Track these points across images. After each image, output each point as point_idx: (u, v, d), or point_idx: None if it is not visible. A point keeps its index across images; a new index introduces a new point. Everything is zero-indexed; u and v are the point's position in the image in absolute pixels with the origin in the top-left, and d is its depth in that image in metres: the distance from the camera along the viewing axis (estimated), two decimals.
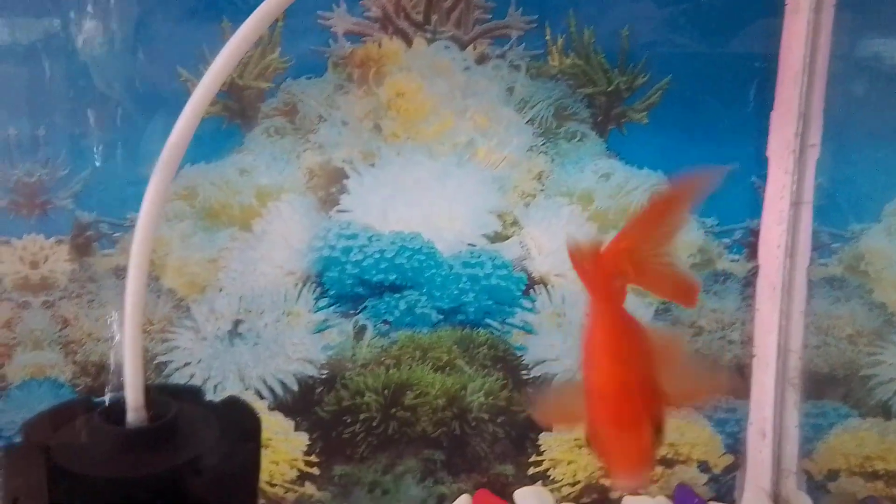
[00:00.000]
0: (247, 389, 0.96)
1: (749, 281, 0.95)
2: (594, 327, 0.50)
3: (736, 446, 0.96)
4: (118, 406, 0.59)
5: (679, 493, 0.92)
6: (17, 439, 0.64)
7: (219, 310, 0.95)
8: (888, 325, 0.93)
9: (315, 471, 0.96)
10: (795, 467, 0.89)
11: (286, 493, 0.96)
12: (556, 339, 0.98)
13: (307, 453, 0.96)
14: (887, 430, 0.93)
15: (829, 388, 0.93)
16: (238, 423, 0.62)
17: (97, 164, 0.89)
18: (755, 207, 0.93)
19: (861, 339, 0.93)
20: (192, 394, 0.66)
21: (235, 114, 0.92)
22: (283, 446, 0.96)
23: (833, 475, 0.95)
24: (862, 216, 0.92)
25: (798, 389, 0.89)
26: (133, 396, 0.56)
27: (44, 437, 0.56)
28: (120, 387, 0.59)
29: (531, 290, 0.97)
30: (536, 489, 0.95)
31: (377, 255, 0.97)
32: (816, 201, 0.90)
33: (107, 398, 0.59)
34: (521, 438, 0.98)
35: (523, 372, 0.97)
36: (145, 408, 0.58)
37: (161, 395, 0.62)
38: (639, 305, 0.96)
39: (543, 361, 0.98)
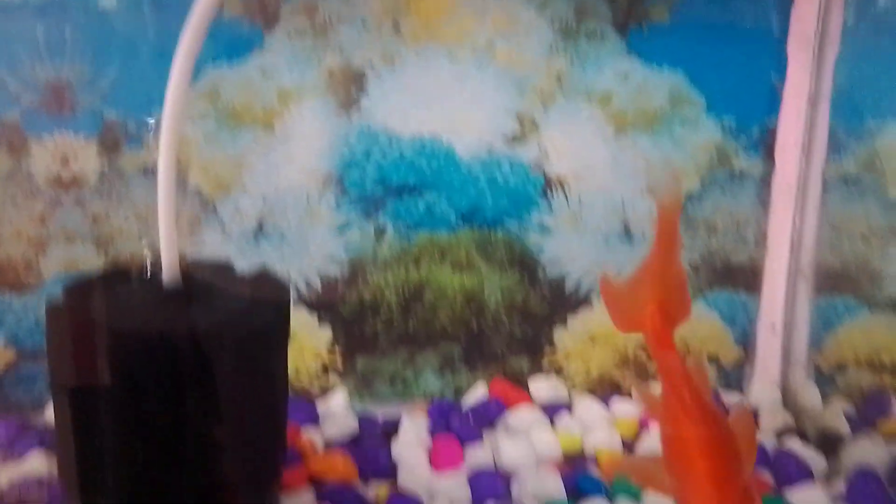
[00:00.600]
0: None
1: (765, 180, 0.96)
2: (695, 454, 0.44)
3: (745, 340, 0.99)
4: (154, 271, 0.62)
5: None
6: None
7: (243, 209, 0.98)
8: None
9: (338, 363, 1.01)
10: (805, 359, 0.92)
11: (312, 383, 1.01)
12: (572, 239, 1.00)
13: (331, 347, 1.01)
14: (895, 324, 0.95)
15: (840, 283, 0.95)
16: (269, 289, 0.66)
17: (123, 63, 0.91)
18: (773, 106, 0.94)
19: (874, 236, 0.95)
20: (224, 266, 0.70)
21: (256, 14, 0.92)
22: (308, 340, 1.01)
23: (841, 367, 0.98)
24: (879, 113, 0.93)
25: (810, 282, 0.91)
26: (168, 259, 0.59)
27: (84, 298, 0.60)
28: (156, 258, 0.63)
29: (548, 192, 0.99)
30: (550, 379, 0.98)
31: (397, 158, 0.99)
32: (834, 99, 0.90)
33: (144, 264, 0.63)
34: (536, 334, 1.01)
35: (540, 271, 1.00)
36: (179, 272, 0.62)
37: (194, 265, 0.65)
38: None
39: (559, 261, 1.00)
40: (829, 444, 0.83)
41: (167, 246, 0.62)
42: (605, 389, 1.01)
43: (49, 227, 0.96)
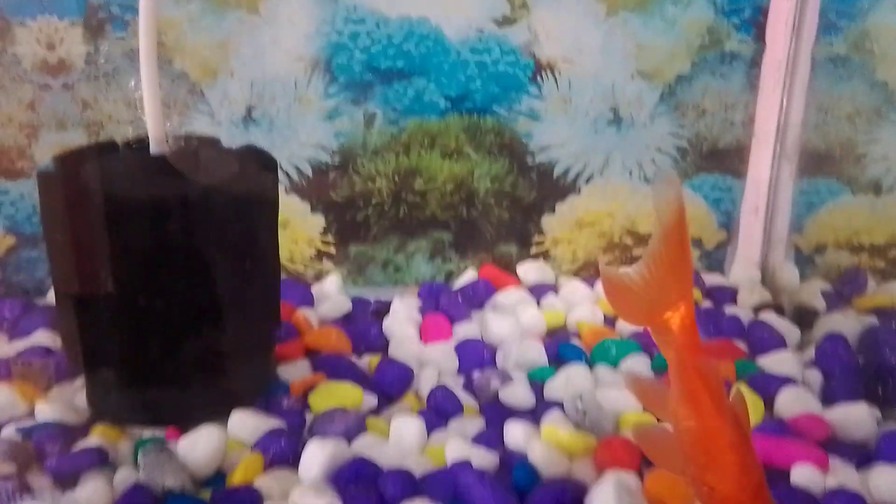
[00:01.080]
0: None
1: (755, 62, 0.95)
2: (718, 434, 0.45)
3: (729, 223, 1.01)
4: (142, 142, 0.63)
5: None
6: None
7: (232, 95, 0.98)
8: (888, 103, 0.95)
9: (332, 250, 1.04)
10: (785, 240, 0.95)
11: (306, 269, 1.03)
12: (562, 125, 1.01)
13: (323, 234, 1.03)
14: (876, 206, 0.97)
15: (824, 165, 0.96)
16: (256, 160, 0.67)
17: None
18: None
19: (860, 118, 0.95)
20: (211, 139, 0.71)
21: None
22: (301, 227, 1.03)
23: (821, 249, 1.01)
24: None
25: (794, 165, 0.92)
26: (154, 128, 0.60)
27: (74, 165, 0.61)
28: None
29: (538, 76, 0.99)
30: (538, 264, 1.01)
31: (385, 41, 0.98)
32: None
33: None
34: (524, 221, 1.03)
35: (528, 158, 1.01)
36: (166, 141, 0.63)
37: (182, 138, 0.66)
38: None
39: (548, 148, 1.01)
40: (804, 318, 0.87)
41: (153, 116, 0.63)
42: (592, 273, 1.04)
43: (39, 112, 0.96)
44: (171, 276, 0.62)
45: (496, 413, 0.70)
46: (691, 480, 0.47)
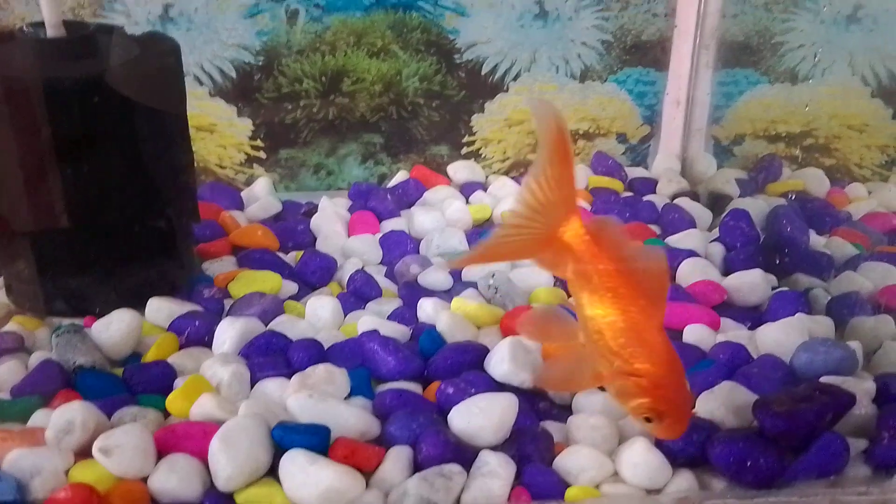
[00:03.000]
0: (186, 76, 0.99)
1: None
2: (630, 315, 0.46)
3: (652, 118, 1.03)
4: (38, 28, 0.62)
5: (596, 158, 1.00)
6: None
7: None
8: None
9: (262, 154, 1.03)
10: (704, 132, 0.97)
11: (236, 174, 1.03)
12: (488, 19, 1.00)
13: (252, 138, 1.02)
14: (792, 95, 0.99)
15: (742, 55, 0.98)
16: (157, 45, 0.66)
17: None
18: None
19: (776, 6, 0.96)
20: (111, 26, 0.69)
21: None
22: (229, 131, 1.02)
23: (739, 139, 1.03)
24: None
25: (713, 54, 0.93)
26: (50, 13, 0.59)
27: None
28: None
29: None
30: (468, 163, 1.02)
31: None
32: None
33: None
34: (454, 121, 1.04)
35: (456, 56, 1.01)
36: (63, 26, 0.62)
37: (76, 25, 0.65)
38: None
39: (475, 45, 1.01)
40: (717, 203, 0.90)
41: (48, 2, 0.61)
42: (522, 171, 1.06)
43: None
44: (79, 161, 0.62)
45: (413, 294, 0.72)
46: (615, 376, 0.48)
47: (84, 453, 0.50)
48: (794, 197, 0.85)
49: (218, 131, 1.03)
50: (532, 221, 0.49)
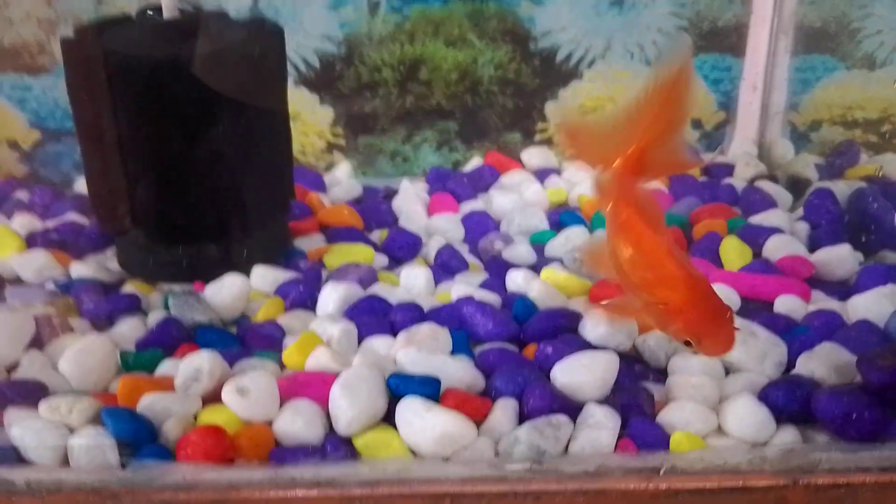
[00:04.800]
0: None
1: None
2: (650, 249, 0.49)
3: (728, 104, 1.03)
4: (155, 11, 0.66)
5: None
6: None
7: None
8: None
9: (341, 141, 1.07)
10: (781, 116, 0.97)
11: (317, 161, 1.07)
12: (564, 7, 1.02)
13: (333, 125, 1.06)
14: (870, 81, 0.99)
15: (819, 41, 0.98)
16: (262, 28, 0.70)
17: None
18: None
19: None
20: (219, 12, 0.74)
21: None
22: (311, 119, 1.06)
23: (816, 125, 1.03)
24: None
25: (791, 41, 0.93)
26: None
27: (94, 33, 0.64)
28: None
29: None
30: (541, 149, 1.04)
31: None
32: None
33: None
34: (528, 108, 1.06)
35: (531, 44, 1.03)
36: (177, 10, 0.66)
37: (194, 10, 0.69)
38: None
39: (550, 32, 1.03)
40: (796, 187, 0.90)
41: None
42: None
43: (56, 8, 0.99)
44: (192, 136, 0.66)
45: (499, 268, 0.74)
46: (645, 307, 0.50)
47: (210, 399, 0.53)
48: (881, 174, 0.84)
49: (301, 119, 1.07)
50: (610, 135, 0.51)
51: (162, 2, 0.67)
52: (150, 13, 0.68)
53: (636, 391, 0.53)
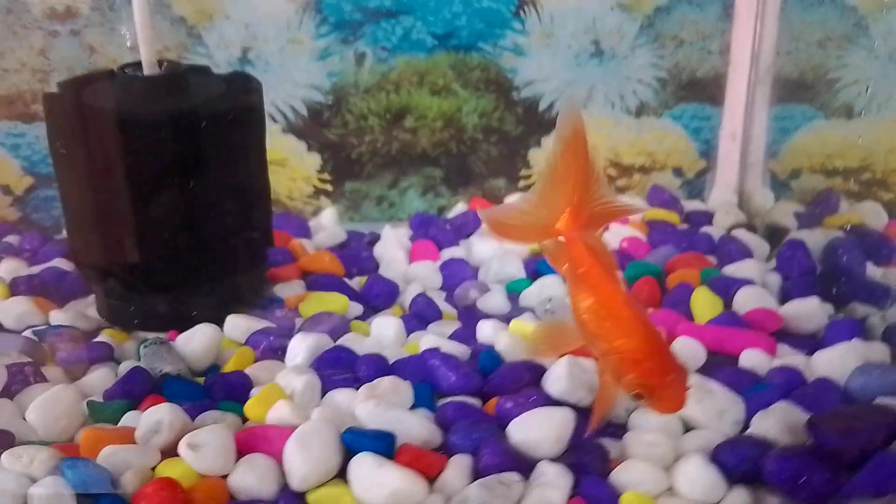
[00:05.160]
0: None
1: None
2: (607, 300, 0.50)
3: (708, 152, 1.05)
4: (136, 68, 0.69)
5: (652, 191, 1.02)
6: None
7: (227, 37, 1.02)
8: (858, 28, 0.97)
9: (328, 187, 1.09)
10: (761, 165, 0.98)
11: (304, 205, 1.09)
12: (546, 59, 1.04)
13: (320, 171, 1.08)
14: (849, 130, 1.00)
15: (798, 91, 0.99)
16: (241, 83, 0.72)
17: None
18: None
19: (830, 43, 0.98)
20: (200, 66, 0.76)
21: None
22: (299, 165, 1.08)
23: (796, 174, 1.04)
24: None
25: (768, 91, 0.95)
26: (146, 52, 0.65)
27: (77, 88, 0.67)
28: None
29: (521, 11, 1.02)
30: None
31: None
32: None
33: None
34: (511, 155, 1.08)
35: (514, 93, 1.05)
36: (158, 65, 0.68)
37: (173, 64, 0.72)
38: None
39: (533, 82, 1.05)
40: (774, 235, 0.90)
41: (145, 42, 0.68)
42: None
43: (50, 58, 1.02)
44: (168, 188, 0.67)
45: (472, 317, 0.75)
46: (602, 357, 0.52)
47: (169, 452, 0.54)
48: (849, 228, 0.85)
49: (289, 165, 1.09)
50: (538, 209, 0.53)
51: (142, 58, 0.70)
52: (130, 70, 0.70)
53: (591, 449, 0.53)
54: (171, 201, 0.68)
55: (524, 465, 0.52)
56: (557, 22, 1.02)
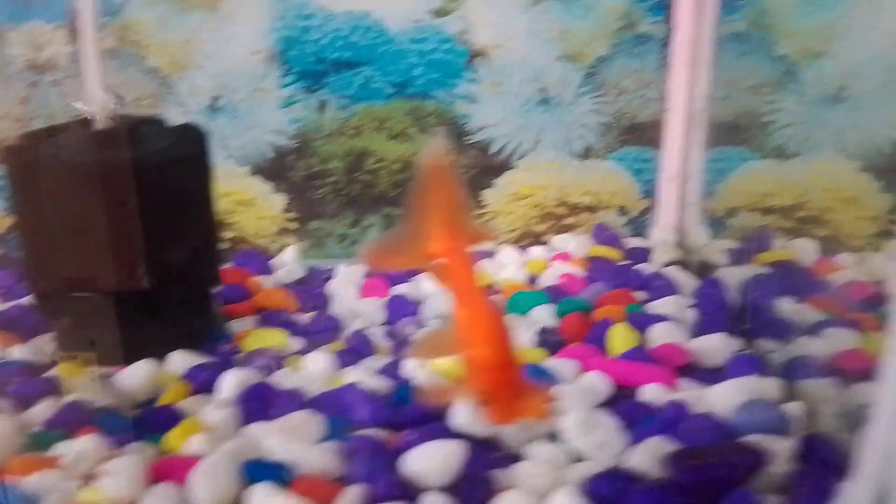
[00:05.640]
0: (229, 157, 1.12)
1: (666, 41, 1.03)
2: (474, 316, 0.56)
3: (650, 192, 1.09)
4: (89, 122, 0.75)
5: (596, 229, 1.07)
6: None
7: (198, 86, 1.09)
8: (788, 74, 1.01)
9: (293, 226, 1.14)
10: (698, 204, 1.02)
11: (271, 243, 1.14)
12: (496, 106, 1.10)
13: (286, 211, 1.13)
14: (783, 170, 1.03)
15: (732, 134, 1.03)
16: (188, 134, 0.78)
17: None
18: None
19: (762, 89, 1.02)
20: (152, 118, 0.83)
21: None
22: (265, 205, 1.14)
23: (732, 212, 1.08)
24: None
25: (704, 132, 0.99)
26: (98, 106, 0.72)
27: (34, 141, 0.73)
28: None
29: (472, 62, 1.08)
30: None
31: (333, 34, 1.09)
32: None
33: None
34: (467, 195, 1.12)
35: (467, 137, 1.10)
36: (111, 119, 0.75)
37: (124, 117, 0.78)
38: None
39: (484, 128, 1.10)
40: (704, 272, 0.94)
41: (95, 97, 0.74)
42: (530, 240, 1.13)
43: (31, 106, 1.10)
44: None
45: (403, 352, 0.79)
46: (465, 362, 0.57)
47: (91, 480, 0.58)
48: (772, 265, 0.88)
49: (256, 205, 1.15)
50: (411, 236, 0.59)
51: (96, 112, 0.76)
52: (82, 124, 0.77)
53: (475, 480, 0.56)
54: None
55: (414, 495, 0.56)
56: (506, 72, 1.07)
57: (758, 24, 1.00)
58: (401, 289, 0.97)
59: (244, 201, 1.16)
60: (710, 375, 0.72)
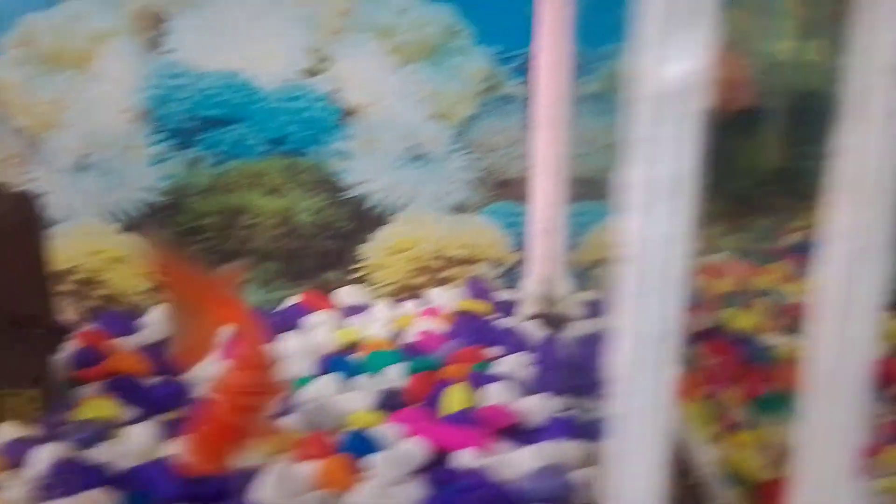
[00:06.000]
0: (100, 214, 1.11)
1: (529, 102, 1.05)
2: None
3: (521, 245, 1.10)
4: None
5: (469, 282, 1.08)
6: None
7: (67, 145, 1.08)
8: None
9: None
10: (563, 256, 1.03)
11: (145, 300, 1.12)
12: (370, 162, 1.11)
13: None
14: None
15: (591, 190, 1.06)
16: (18, 201, 0.77)
17: None
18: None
19: (618, 147, 1.05)
20: None
21: None
22: (139, 262, 1.12)
23: (595, 264, 1.10)
24: (615, 38, 1.01)
25: (565, 190, 1.01)
26: None
27: None
28: None
29: (346, 120, 1.09)
30: (354, 288, 1.10)
31: (204, 92, 1.09)
32: (578, 26, 0.99)
33: None
34: (343, 250, 1.13)
35: (343, 193, 1.11)
36: None
37: None
38: None
39: (360, 183, 1.11)
40: (560, 325, 0.95)
41: None
42: (407, 295, 1.13)
43: None
44: None
45: None
46: None
47: None
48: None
49: (129, 262, 1.14)
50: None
51: None
52: None
53: None
54: None
55: None
56: (380, 129, 1.09)
57: (610, 86, 1.03)
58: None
59: (118, 258, 1.15)
60: (529, 437, 0.72)
